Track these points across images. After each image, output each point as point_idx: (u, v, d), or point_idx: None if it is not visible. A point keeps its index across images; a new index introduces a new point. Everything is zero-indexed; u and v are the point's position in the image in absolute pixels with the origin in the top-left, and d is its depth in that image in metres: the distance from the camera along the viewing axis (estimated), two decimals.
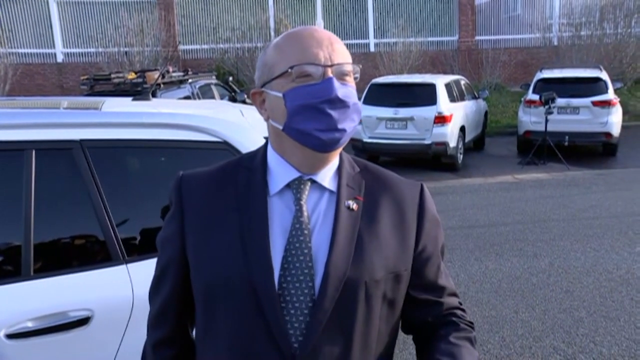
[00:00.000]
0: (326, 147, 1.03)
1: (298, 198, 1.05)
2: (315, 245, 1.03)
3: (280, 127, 1.04)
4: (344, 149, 1.12)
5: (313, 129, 1.01)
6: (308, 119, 1.00)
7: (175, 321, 1.16)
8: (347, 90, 1.02)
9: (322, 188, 1.08)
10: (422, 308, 1.14)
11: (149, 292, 1.19)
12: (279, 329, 1.00)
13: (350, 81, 1.05)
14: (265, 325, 1.00)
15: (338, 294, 1.01)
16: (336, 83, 1.01)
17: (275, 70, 1.04)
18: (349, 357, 1.03)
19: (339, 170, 1.10)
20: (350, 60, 1.06)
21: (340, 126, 1.01)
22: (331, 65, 1.02)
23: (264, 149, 1.13)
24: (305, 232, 1.03)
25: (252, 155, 1.14)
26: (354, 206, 1.07)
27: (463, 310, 1.19)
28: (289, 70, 1.01)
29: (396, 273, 1.07)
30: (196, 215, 1.09)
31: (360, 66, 1.09)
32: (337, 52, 1.03)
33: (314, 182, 1.07)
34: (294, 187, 1.06)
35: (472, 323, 1.17)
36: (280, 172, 1.08)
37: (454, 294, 1.19)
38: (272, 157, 1.10)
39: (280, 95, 1.03)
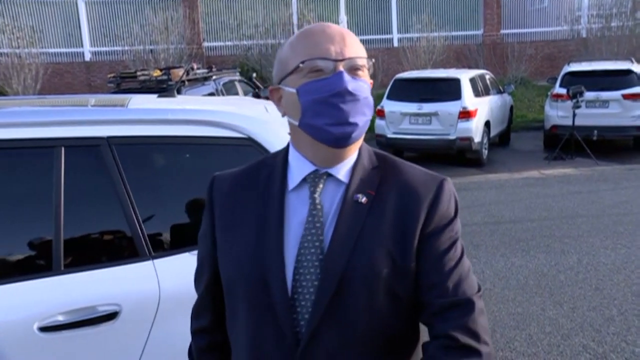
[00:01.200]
0: (338, 142, 1.03)
1: (312, 192, 1.07)
2: (326, 238, 1.04)
3: (296, 123, 1.07)
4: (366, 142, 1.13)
5: (324, 123, 1.02)
6: (320, 113, 1.02)
7: (212, 313, 1.21)
8: (357, 84, 1.03)
9: (339, 182, 1.08)
10: (425, 308, 1.05)
11: (194, 284, 1.25)
12: (286, 320, 1.02)
13: (363, 75, 1.05)
14: (274, 317, 1.03)
15: (334, 286, 1.01)
16: (346, 76, 1.01)
17: (288, 66, 1.06)
18: (351, 351, 1.02)
19: (355, 164, 1.10)
20: (363, 55, 1.06)
21: (351, 120, 1.02)
22: (342, 60, 1.02)
23: (287, 146, 1.16)
24: (317, 225, 1.04)
25: (276, 153, 1.18)
26: (363, 200, 1.06)
27: (475, 315, 1.02)
28: (300, 65, 1.03)
29: (402, 267, 1.03)
30: (223, 214, 1.13)
31: (373, 60, 1.09)
32: (348, 46, 1.04)
33: (330, 175, 1.08)
34: (310, 181, 1.08)
35: (470, 346, 1.01)
36: (298, 167, 1.10)
37: (460, 298, 1.03)
38: (292, 153, 1.13)
39: (294, 90, 1.05)
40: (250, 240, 1.07)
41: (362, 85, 1.03)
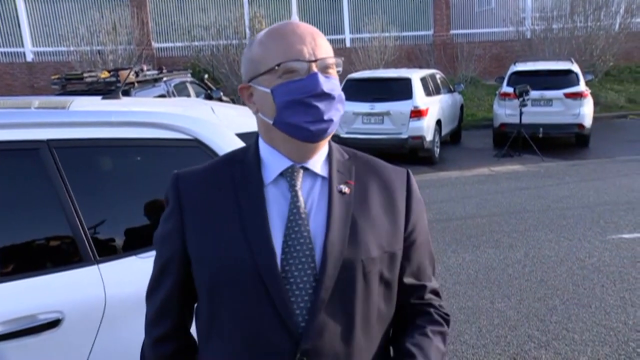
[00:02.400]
0: (315, 138, 1.07)
1: (293, 185, 1.10)
2: (312, 229, 1.07)
3: (270, 122, 1.09)
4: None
5: (302, 121, 1.05)
6: (296, 112, 1.05)
7: (177, 317, 1.18)
8: (331, 83, 1.07)
9: (315, 175, 1.12)
10: (407, 291, 1.17)
11: (148, 291, 1.20)
12: (286, 309, 1.03)
13: (333, 73, 1.10)
14: (272, 308, 1.04)
15: (337, 272, 1.05)
16: (321, 77, 1.05)
17: (261, 66, 1.08)
18: (352, 334, 1.07)
19: (329, 157, 1.15)
20: (332, 53, 1.10)
21: (326, 117, 1.06)
22: (315, 60, 1.06)
23: (255, 142, 1.17)
24: (303, 216, 1.07)
25: (244, 149, 1.18)
26: (346, 190, 1.11)
27: (440, 297, 1.24)
28: (276, 67, 1.05)
29: (391, 252, 1.11)
30: (195, 211, 1.11)
31: (342, 59, 1.13)
32: (319, 47, 1.07)
33: (306, 169, 1.12)
34: (288, 175, 1.11)
35: (447, 315, 1.22)
36: (273, 162, 1.12)
37: (433, 280, 1.25)
38: (263, 148, 1.14)
39: (268, 91, 1.07)
40: (235, 236, 1.07)
41: (334, 83, 1.08)
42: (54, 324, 1.71)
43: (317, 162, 1.13)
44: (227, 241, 1.07)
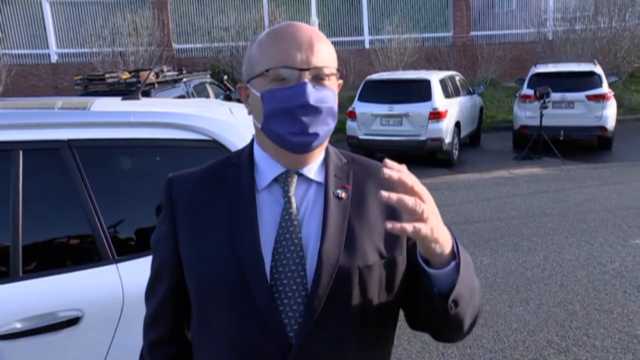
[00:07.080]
0: (299, 149, 1.04)
1: (286, 190, 1.07)
2: (305, 236, 1.04)
3: (259, 126, 1.07)
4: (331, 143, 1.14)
5: (286, 132, 1.02)
6: (282, 121, 1.02)
7: (171, 321, 1.17)
8: (321, 95, 1.02)
9: (309, 180, 1.09)
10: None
11: (145, 294, 1.20)
12: (273, 319, 1.00)
13: (329, 84, 1.04)
14: (260, 317, 1.01)
15: (332, 280, 1.01)
16: (309, 88, 1.00)
17: (255, 68, 1.06)
18: (346, 344, 1.03)
19: (326, 161, 1.12)
20: (331, 61, 1.05)
21: (311, 130, 1.02)
22: (307, 69, 1.01)
23: (250, 145, 1.15)
24: (295, 222, 1.04)
25: (239, 153, 1.16)
26: (343, 195, 1.08)
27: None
28: (265, 72, 1.02)
29: (390, 258, 1.06)
30: (187, 215, 1.09)
31: (345, 71, 1.09)
32: (316, 54, 1.02)
33: (300, 174, 1.09)
34: (281, 181, 1.08)
35: None
36: (266, 167, 1.09)
37: None
38: (258, 153, 1.12)
39: (259, 95, 1.05)
40: (224, 242, 1.04)
41: (326, 94, 1.03)
42: (74, 321, 1.74)
43: (312, 168, 1.10)
44: (216, 247, 1.05)
